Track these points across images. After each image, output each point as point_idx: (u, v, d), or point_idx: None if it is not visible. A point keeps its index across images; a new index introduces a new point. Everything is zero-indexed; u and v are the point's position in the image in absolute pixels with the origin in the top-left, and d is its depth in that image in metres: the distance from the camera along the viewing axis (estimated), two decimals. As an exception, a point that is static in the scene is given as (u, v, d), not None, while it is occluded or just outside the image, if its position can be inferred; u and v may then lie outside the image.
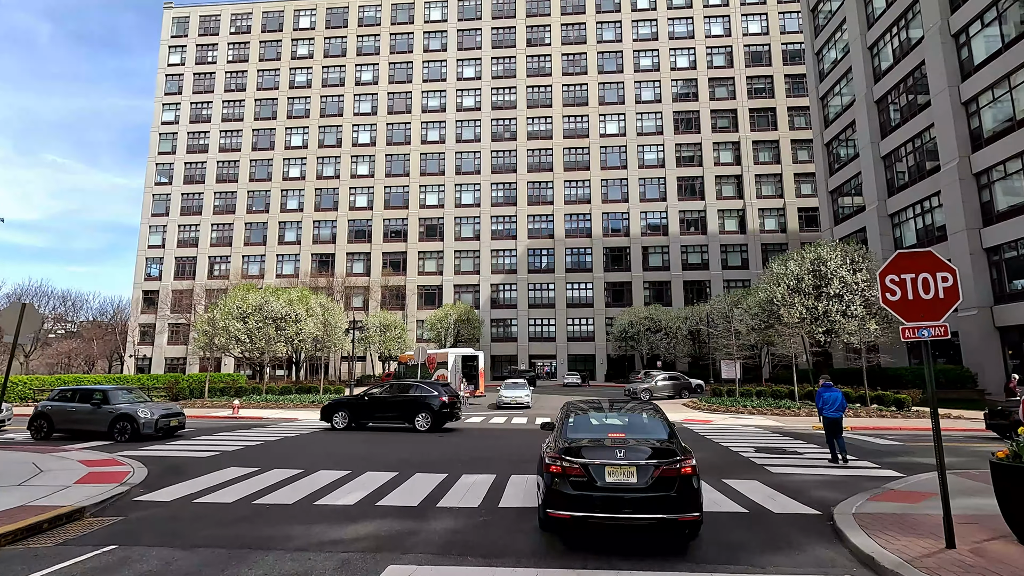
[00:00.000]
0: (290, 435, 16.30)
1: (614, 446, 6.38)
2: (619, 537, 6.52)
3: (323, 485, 9.06)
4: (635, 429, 7.05)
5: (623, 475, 6.08)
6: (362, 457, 12.16)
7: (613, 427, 7.16)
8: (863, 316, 24.75)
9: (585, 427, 7.21)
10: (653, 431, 6.90)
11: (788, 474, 10.36)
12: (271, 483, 9.23)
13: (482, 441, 15.20)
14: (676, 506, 5.93)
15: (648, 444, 6.47)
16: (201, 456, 12.08)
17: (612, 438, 6.65)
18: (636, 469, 6.08)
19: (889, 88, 35.09)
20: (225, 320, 32.63)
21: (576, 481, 6.13)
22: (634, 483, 6.03)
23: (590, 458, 6.21)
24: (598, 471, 6.11)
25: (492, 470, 10.40)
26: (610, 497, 5.99)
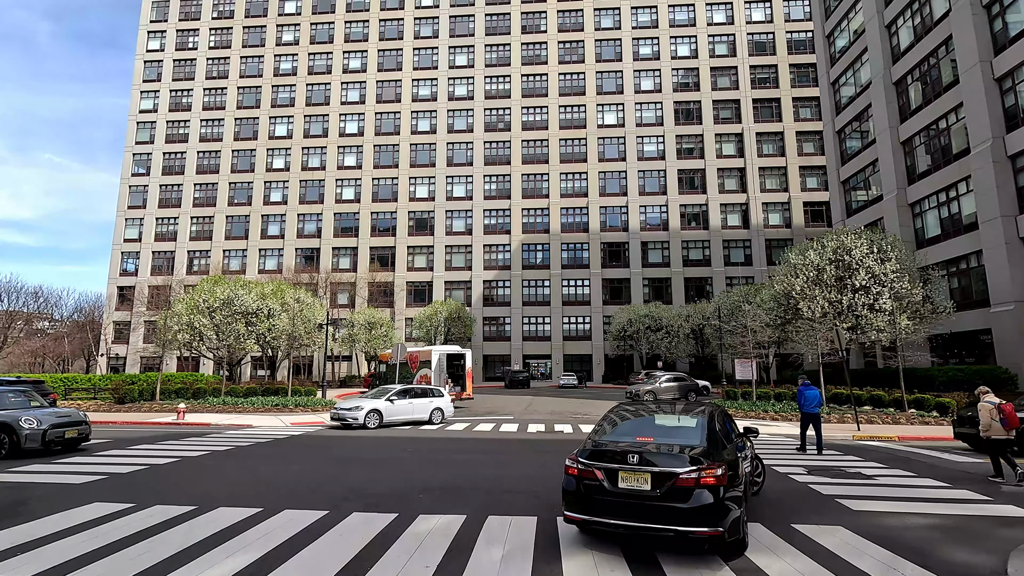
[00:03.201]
0: (223, 448, 13.54)
1: (632, 451, 5.94)
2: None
3: (203, 538, 6.25)
4: (670, 434, 6.46)
5: (636, 481, 5.75)
6: (292, 484, 9.44)
7: (647, 431, 6.60)
8: (892, 310, 22.23)
9: (620, 430, 6.83)
10: (689, 436, 6.27)
11: (875, 512, 7.64)
12: (122, 535, 6.36)
13: (458, 457, 12.50)
14: (693, 519, 5.46)
15: (674, 450, 5.93)
16: (74, 483, 9.17)
17: (639, 442, 6.20)
18: (651, 476, 5.70)
19: (910, 68, 32.67)
20: (190, 315, 29.80)
21: (590, 485, 5.93)
22: (647, 490, 5.68)
23: (607, 462, 5.94)
24: (612, 476, 5.86)
25: (461, 506, 7.77)
26: (622, 503, 5.73)
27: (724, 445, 6.20)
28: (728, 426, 6.96)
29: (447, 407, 21.31)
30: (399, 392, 20.41)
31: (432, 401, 20.92)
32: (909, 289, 22.60)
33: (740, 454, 6.50)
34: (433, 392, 21.43)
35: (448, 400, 21.63)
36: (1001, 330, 25.17)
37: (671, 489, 5.56)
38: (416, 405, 20.51)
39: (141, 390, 24.76)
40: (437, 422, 20.56)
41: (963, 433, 13.91)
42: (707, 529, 5.41)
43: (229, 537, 6.35)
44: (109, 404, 23.82)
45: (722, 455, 5.94)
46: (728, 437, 6.57)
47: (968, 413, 14.04)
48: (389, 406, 19.70)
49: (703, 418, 6.55)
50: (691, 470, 5.58)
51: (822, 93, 42.54)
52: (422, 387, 21.66)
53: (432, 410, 20.71)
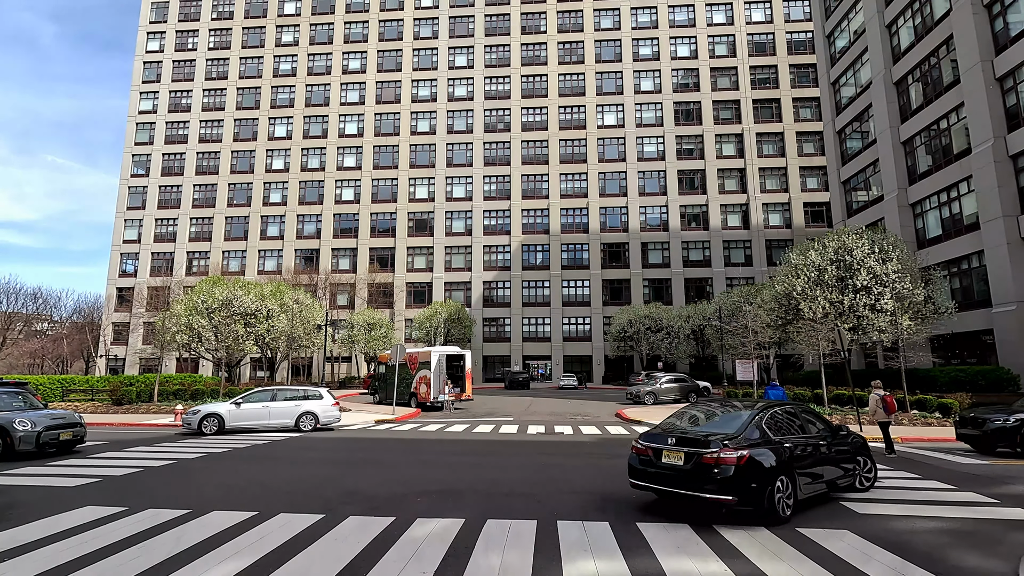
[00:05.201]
0: (219, 450, 13.42)
1: (671, 435, 7.74)
2: None
3: (195, 543, 6.12)
4: (715, 425, 8.01)
5: (674, 458, 7.42)
6: (288, 487, 9.30)
7: (698, 421, 8.34)
8: (895, 311, 22.10)
9: (679, 420, 8.54)
10: (727, 427, 7.72)
11: (881, 515, 7.50)
12: (112, 541, 6.22)
13: (457, 459, 12.36)
14: (713, 487, 6.98)
15: (705, 436, 7.47)
16: (66, 486, 9.04)
17: (681, 428, 8.04)
18: (683, 455, 7.33)
19: (910, 68, 32.55)
20: (189, 316, 29.69)
21: (644, 459, 7.77)
22: (681, 465, 7.30)
23: (655, 443, 7.72)
24: (657, 454, 7.61)
25: (459, 509, 7.64)
26: (664, 474, 7.46)
27: (762, 435, 7.49)
28: (780, 422, 8.04)
29: (325, 412, 18.32)
30: (254, 394, 18.22)
31: (300, 405, 18.04)
32: (911, 289, 22.48)
33: (789, 444, 7.66)
34: (307, 394, 18.56)
35: (328, 403, 18.57)
36: (1003, 330, 25.03)
37: (697, 464, 7.12)
38: (275, 409, 17.75)
39: (139, 391, 24.64)
40: (308, 429, 17.84)
41: (966, 434, 13.79)
42: (723, 496, 6.90)
43: (222, 542, 6.22)
44: (106, 406, 23.70)
45: (750, 442, 7.25)
46: (777, 430, 7.79)
47: (971, 414, 13.92)
48: (233, 410, 17.40)
49: (747, 414, 7.86)
50: (713, 451, 7.07)
51: (822, 93, 42.43)
52: (291, 388, 18.86)
53: (300, 415, 17.85)
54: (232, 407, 17.53)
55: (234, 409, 17.50)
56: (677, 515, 7.45)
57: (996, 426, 13.03)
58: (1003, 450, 13.08)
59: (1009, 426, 12.86)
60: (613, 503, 8.08)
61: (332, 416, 18.57)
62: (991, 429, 13.06)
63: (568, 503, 8.02)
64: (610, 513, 7.50)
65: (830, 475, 8.18)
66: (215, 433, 17.03)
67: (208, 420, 17.11)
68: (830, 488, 8.28)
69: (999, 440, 13.01)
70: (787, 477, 7.29)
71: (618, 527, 6.79)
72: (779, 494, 7.13)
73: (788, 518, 7.16)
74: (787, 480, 7.27)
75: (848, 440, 8.84)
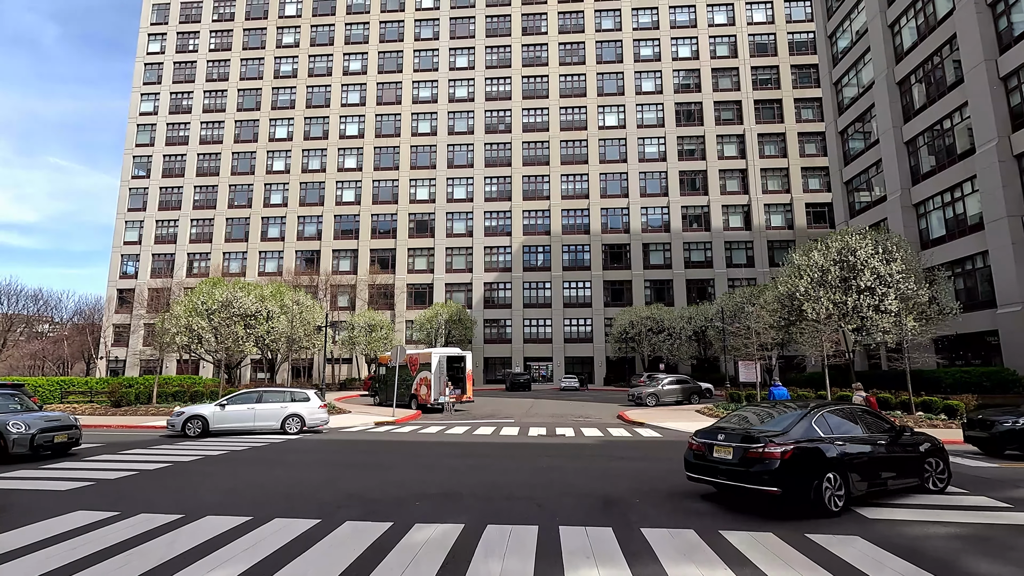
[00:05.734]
0: (216, 453, 13.25)
1: (721, 431, 8.32)
2: None
3: (187, 549, 5.96)
4: (766, 423, 8.43)
5: (723, 453, 8.01)
6: (285, 490, 9.12)
7: (751, 420, 8.78)
8: (899, 311, 21.91)
9: (733, 419, 9.07)
10: (777, 425, 8.13)
11: (892, 520, 7.34)
12: (102, 547, 6.03)
13: (457, 461, 12.19)
14: (758, 480, 7.46)
15: (752, 433, 7.99)
16: (59, 490, 8.84)
17: (729, 427, 8.53)
18: (732, 449, 7.90)
19: (913, 67, 32.39)
20: (188, 317, 29.57)
21: (697, 454, 8.39)
22: (729, 459, 7.88)
23: (707, 439, 8.35)
24: (709, 448, 8.22)
25: (459, 514, 7.44)
26: (714, 468, 8.05)
27: (812, 433, 7.83)
28: (834, 421, 8.29)
29: (311, 414, 17.96)
30: (240, 396, 17.88)
31: (286, 407, 17.73)
32: (915, 290, 22.29)
33: (841, 442, 7.95)
34: (294, 396, 18.24)
35: (315, 406, 18.19)
36: (1008, 331, 24.82)
37: (744, 458, 7.67)
38: (260, 411, 17.47)
39: (138, 393, 24.50)
40: (293, 432, 17.54)
41: (974, 436, 13.61)
42: (768, 488, 7.36)
43: (215, 548, 6.05)
44: (105, 408, 23.56)
45: (797, 439, 7.63)
46: (829, 429, 8.07)
47: (979, 416, 13.73)
48: (218, 412, 17.17)
49: (797, 413, 8.24)
50: (758, 446, 7.56)
51: (824, 94, 42.27)
52: (278, 390, 18.56)
53: (286, 417, 17.56)
54: (216, 409, 17.32)
55: (218, 411, 17.29)
56: (682, 519, 7.29)
57: (1005, 428, 12.83)
58: (1012, 453, 12.88)
59: (1018, 428, 12.67)
60: (617, 508, 7.90)
61: (319, 419, 18.23)
62: (1000, 431, 12.87)
63: (570, 507, 7.85)
64: (613, 518, 7.32)
65: (892, 475, 8.39)
66: (199, 435, 16.77)
67: (192, 422, 16.88)
68: (893, 487, 8.45)
69: (1008, 443, 12.81)
70: (837, 473, 7.63)
71: (622, 532, 6.62)
72: (828, 489, 7.48)
73: (838, 513, 7.46)
74: (837, 476, 7.61)
75: (914, 441, 8.97)
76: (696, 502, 8.32)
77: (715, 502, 8.32)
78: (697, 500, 8.45)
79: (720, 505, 8.15)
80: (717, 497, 8.62)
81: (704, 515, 7.54)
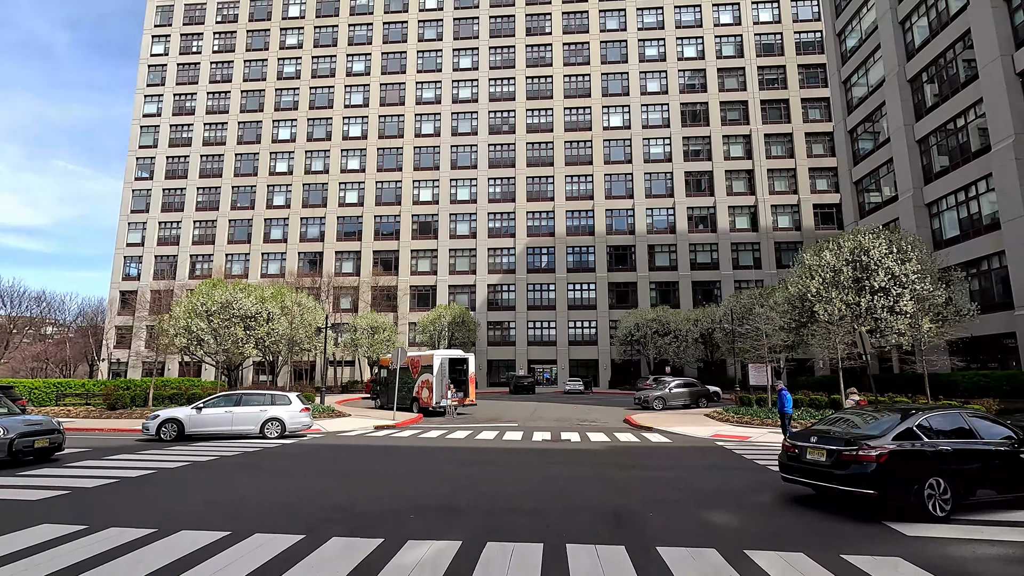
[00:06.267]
0: (205, 459, 12.71)
1: (813, 434, 8.50)
2: None
3: (153, 570, 5.33)
4: (863, 426, 8.49)
5: (817, 455, 8.15)
6: (270, 501, 8.57)
7: (846, 423, 8.86)
8: (914, 313, 21.24)
9: (828, 422, 9.27)
10: (875, 428, 8.17)
11: (934, 539, 6.68)
12: (59, 567, 5.44)
13: (457, 469, 11.62)
14: (852, 482, 7.56)
15: (846, 436, 8.07)
16: (29, 500, 8.34)
17: (823, 430, 8.74)
18: (826, 452, 8.01)
19: (925, 64, 31.74)
20: (187, 319, 29.14)
21: (791, 456, 8.61)
22: (823, 461, 8.01)
23: (800, 441, 8.53)
24: (802, 451, 8.39)
25: (457, 529, 6.86)
26: (808, 469, 8.24)
27: (914, 437, 7.74)
28: (940, 426, 8.12)
29: (292, 418, 17.26)
30: (218, 398, 17.27)
31: (265, 411, 17.01)
32: (931, 291, 21.62)
33: (948, 447, 7.75)
34: (274, 399, 17.51)
35: (296, 409, 17.42)
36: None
37: (837, 460, 7.76)
38: (239, 415, 16.81)
39: (133, 396, 24.05)
40: (273, 436, 16.84)
41: None
42: (863, 490, 7.40)
43: (183, 568, 5.48)
44: (100, 410, 23.10)
45: (896, 442, 7.60)
46: (935, 434, 7.92)
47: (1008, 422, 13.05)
48: (194, 415, 16.56)
49: (896, 417, 8.21)
50: (852, 449, 7.66)
51: (833, 92, 41.65)
52: (258, 393, 17.88)
53: (265, 421, 16.85)
54: (192, 412, 16.70)
55: (194, 415, 16.67)
56: (703, 536, 6.69)
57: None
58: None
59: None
60: (629, 522, 7.28)
61: (300, 423, 17.53)
62: None
63: (578, 522, 7.26)
64: (626, 534, 6.71)
65: (1013, 481, 8.10)
66: (174, 439, 16.23)
67: (167, 425, 16.28)
68: (1012, 497, 8.14)
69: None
70: (942, 478, 7.50)
71: (636, 552, 6.02)
72: (931, 494, 7.40)
73: (944, 518, 7.36)
74: (942, 481, 7.48)
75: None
76: (717, 515, 7.73)
77: (737, 516, 7.71)
78: (718, 512, 7.85)
79: (743, 519, 7.54)
80: (739, 510, 8.03)
81: (727, 531, 6.93)
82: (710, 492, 9.14)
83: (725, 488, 9.49)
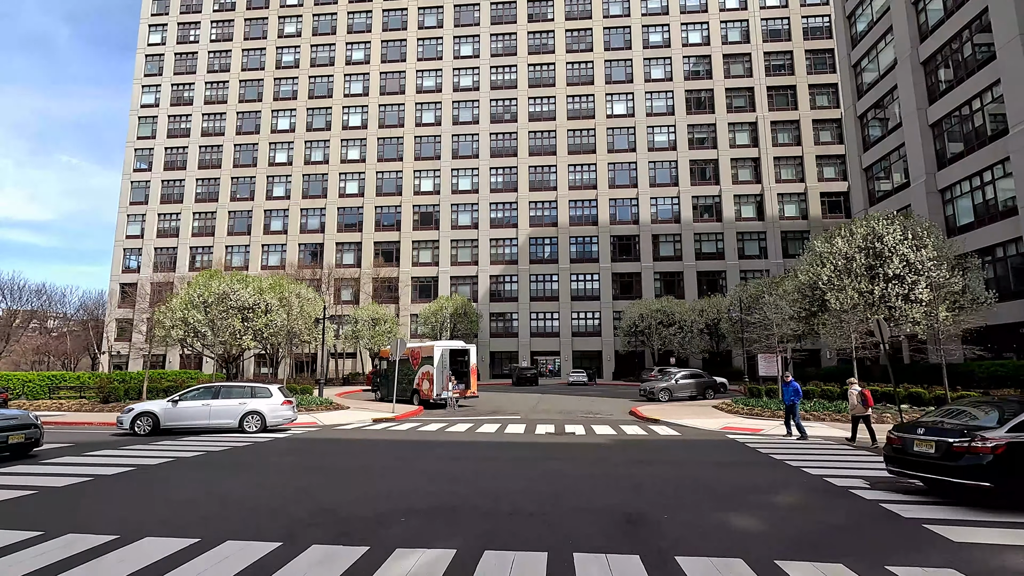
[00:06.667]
0: (191, 454, 12.12)
1: (921, 426, 8.47)
2: None
3: None
4: (976, 418, 8.26)
5: (924, 447, 8.06)
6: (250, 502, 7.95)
7: (958, 415, 8.64)
8: (930, 301, 20.53)
9: (939, 415, 9.12)
10: (986, 421, 7.94)
11: (986, 545, 5.94)
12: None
13: (455, 465, 11.01)
14: (964, 474, 7.42)
15: (956, 428, 7.96)
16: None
17: (931, 421, 8.66)
18: (934, 444, 7.91)
19: (939, 46, 30.76)
20: (184, 310, 28.60)
21: (897, 448, 8.56)
22: (932, 453, 7.90)
23: (908, 434, 8.46)
24: (909, 443, 8.33)
25: (451, 535, 6.21)
26: (915, 461, 8.14)
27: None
28: None
29: (273, 412, 16.70)
30: (195, 391, 16.80)
31: (245, 404, 16.49)
32: (947, 278, 20.89)
33: None
34: (255, 392, 16.99)
35: (278, 402, 16.88)
36: (1045, 323, 23.38)
37: (947, 452, 7.60)
38: (216, 408, 16.27)
39: (128, 389, 23.53)
40: (253, 430, 16.29)
41: None
42: (978, 483, 7.23)
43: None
44: (93, 403, 22.62)
45: (1015, 433, 7.29)
46: None
47: None
48: (169, 409, 16.06)
49: (1014, 407, 7.89)
50: (964, 441, 7.48)
51: (842, 77, 40.66)
52: (239, 385, 17.35)
53: (244, 414, 16.32)
54: (168, 405, 16.16)
55: (170, 408, 16.11)
56: (726, 543, 6.04)
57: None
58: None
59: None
60: (642, 527, 6.60)
61: (282, 417, 16.90)
62: None
63: (585, 526, 6.62)
64: (640, 541, 6.04)
65: None
66: (149, 434, 15.68)
67: (141, 419, 15.75)
68: None
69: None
70: None
71: (652, 563, 5.36)
72: None
73: None
74: None
75: None
76: (739, 517, 7.04)
77: (762, 519, 7.03)
78: (740, 515, 7.16)
79: (769, 523, 6.86)
80: (762, 512, 7.36)
81: (753, 537, 6.24)
82: (728, 491, 8.48)
83: (744, 486, 8.85)
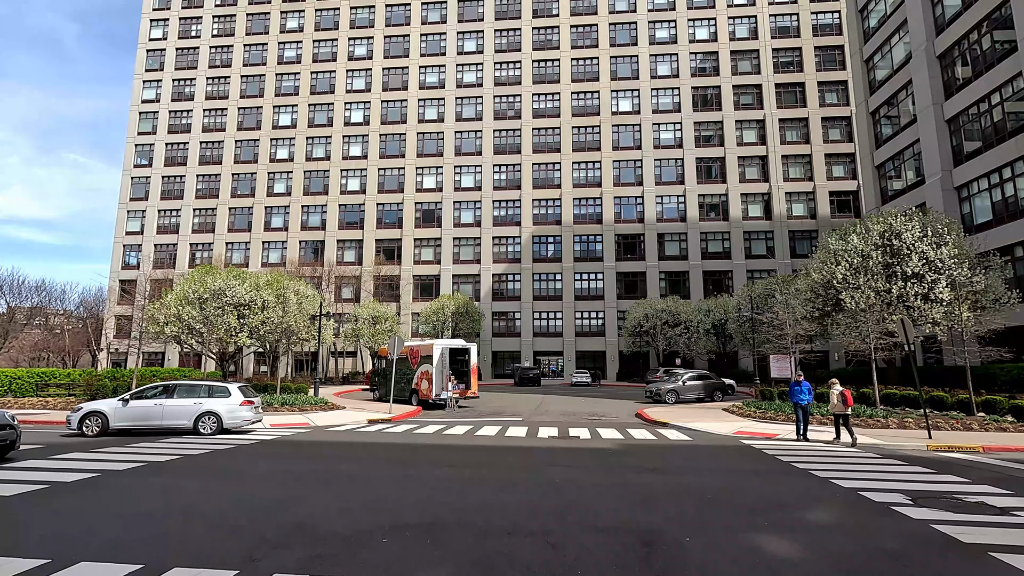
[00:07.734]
0: (166, 458, 11.37)
1: None
2: None
3: None
4: None
5: None
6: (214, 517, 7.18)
7: None
8: (951, 300, 19.64)
9: None
10: None
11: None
12: None
13: (450, 472, 10.21)
14: None
15: None
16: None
17: None
18: None
19: (956, 39, 29.85)
20: (178, 306, 27.85)
21: None
22: None
23: None
24: None
25: (439, 561, 5.38)
26: None
27: None
28: None
29: (231, 413, 15.75)
30: (149, 389, 16.00)
31: (201, 404, 15.63)
32: (969, 277, 19.99)
33: None
34: (211, 391, 16.07)
35: (236, 402, 15.92)
36: (1069, 324, 22.46)
37: None
38: (170, 408, 15.43)
39: (116, 387, 22.81)
40: (208, 432, 15.45)
41: None
42: None
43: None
44: (80, 401, 21.90)
45: None
46: None
47: None
48: (119, 408, 15.29)
49: None
50: None
51: (854, 73, 39.72)
52: (192, 384, 16.44)
53: (200, 415, 15.48)
54: (118, 404, 15.38)
55: (120, 407, 15.31)
56: (760, 574, 5.23)
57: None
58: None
59: None
60: (662, 550, 5.76)
61: (240, 418, 15.88)
62: None
63: (595, 548, 5.80)
64: (659, 570, 5.24)
65: None
66: (98, 435, 14.94)
67: (90, 419, 15.00)
68: None
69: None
70: None
71: (675, 598, 4.57)
72: None
73: None
74: None
75: None
76: (770, 539, 6.17)
77: (795, 540, 6.17)
78: (770, 535, 6.28)
79: (804, 545, 5.99)
80: (795, 532, 6.51)
81: (789, 565, 5.39)
82: (752, 505, 7.65)
83: (770, 500, 8.01)
